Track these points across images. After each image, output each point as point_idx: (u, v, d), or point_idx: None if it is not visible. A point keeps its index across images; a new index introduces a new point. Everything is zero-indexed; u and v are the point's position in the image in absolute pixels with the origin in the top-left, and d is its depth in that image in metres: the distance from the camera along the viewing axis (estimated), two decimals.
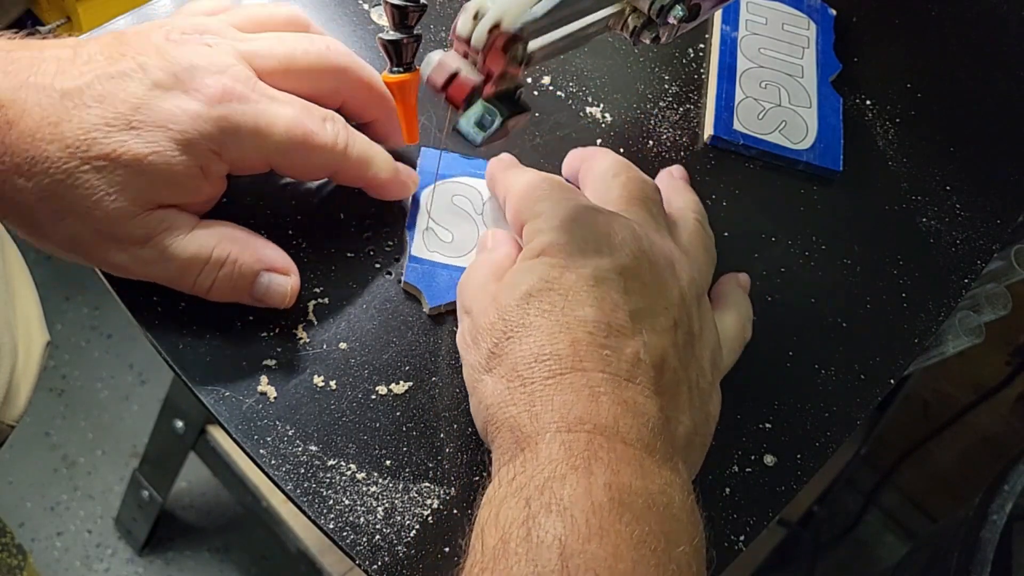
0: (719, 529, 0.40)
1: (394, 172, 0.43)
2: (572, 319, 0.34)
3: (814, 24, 0.60)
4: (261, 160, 0.39)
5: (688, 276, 0.39)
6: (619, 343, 0.34)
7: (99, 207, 0.35)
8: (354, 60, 0.42)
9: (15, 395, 0.52)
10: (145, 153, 0.35)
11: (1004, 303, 0.66)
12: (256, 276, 0.39)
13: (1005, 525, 0.73)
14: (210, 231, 0.38)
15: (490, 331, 0.36)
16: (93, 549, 1.15)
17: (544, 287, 0.35)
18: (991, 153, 0.57)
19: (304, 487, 0.37)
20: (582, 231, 0.37)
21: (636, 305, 0.36)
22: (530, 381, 0.34)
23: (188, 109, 0.36)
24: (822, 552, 1.26)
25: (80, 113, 0.35)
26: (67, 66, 0.36)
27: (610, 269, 0.36)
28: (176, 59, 0.37)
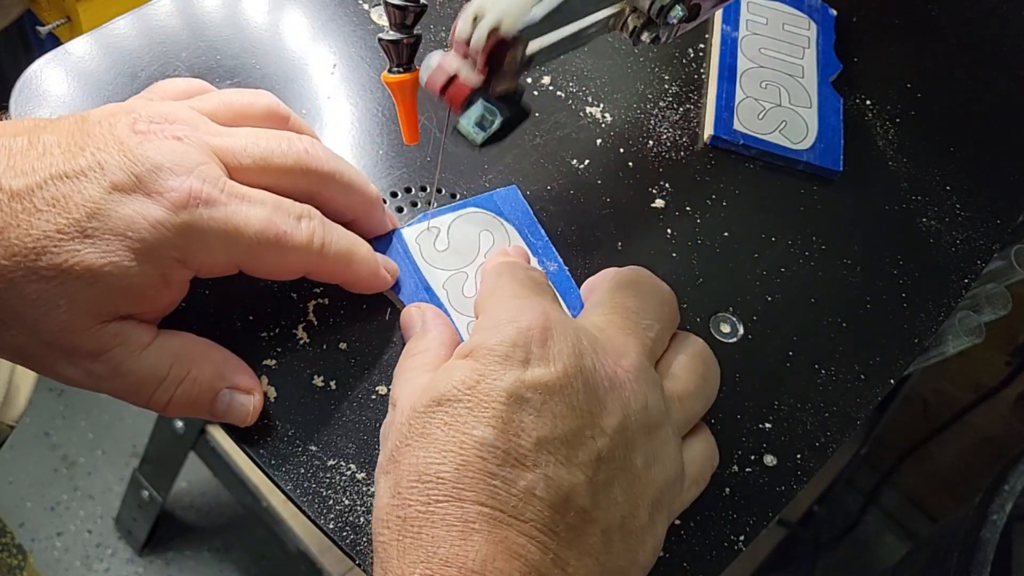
0: (719, 529, 0.40)
1: (374, 269, 0.40)
2: (468, 438, 0.31)
3: (815, 24, 0.60)
4: (230, 264, 0.36)
5: (640, 403, 0.34)
6: (513, 474, 0.31)
7: (46, 319, 0.32)
8: (335, 164, 0.39)
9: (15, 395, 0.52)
10: (100, 264, 0.32)
11: (1004, 303, 0.66)
12: (216, 394, 0.36)
13: (1005, 525, 0.73)
14: (167, 346, 0.35)
15: (398, 430, 0.33)
16: (93, 549, 1.15)
17: (455, 396, 0.32)
18: (991, 153, 0.57)
19: (304, 487, 0.37)
20: (515, 336, 0.33)
21: (549, 432, 0.32)
22: (407, 503, 0.31)
23: (148, 215, 0.33)
24: (822, 552, 1.26)
25: (29, 218, 0.32)
26: (19, 160, 0.32)
27: (530, 385, 0.32)
28: (138, 158, 0.33)
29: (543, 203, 0.47)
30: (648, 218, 0.49)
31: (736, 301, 0.47)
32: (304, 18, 0.51)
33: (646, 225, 0.48)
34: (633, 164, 0.50)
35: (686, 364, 0.38)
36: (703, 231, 0.49)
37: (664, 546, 0.39)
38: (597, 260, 0.46)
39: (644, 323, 0.37)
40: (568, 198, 0.48)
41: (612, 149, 0.51)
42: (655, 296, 0.39)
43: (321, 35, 0.51)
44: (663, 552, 0.38)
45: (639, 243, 0.47)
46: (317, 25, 0.51)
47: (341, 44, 0.51)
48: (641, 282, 0.39)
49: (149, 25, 0.48)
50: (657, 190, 0.50)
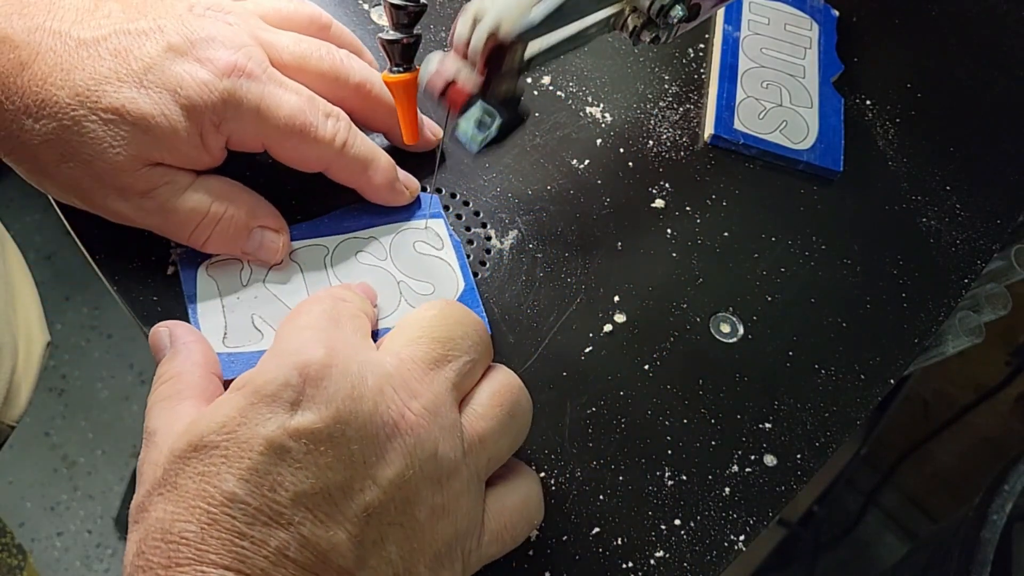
0: (719, 529, 0.40)
1: (391, 179, 0.42)
2: (217, 493, 0.28)
3: (816, 25, 0.60)
4: (257, 140, 0.39)
5: (427, 451, 0.31)
6: (264, 534, 0.28)
7: (102, 157, 0.36)
8: (367, 75, 0.42)
9: (15, 395, 0.52)
10: (152, 113, 0.36)
11: (1004, 303, 0.66)
12: (250, 232, 0.40)
13: (1005, 525, 0.73)
14: (208, 187, 0.39)
15: (153, 472, 0.30)
16: (93, 549, 1.15)
17: (213, 441, 0.29)
18: (991, 153, 0.57)
19: None
20: (288, 374, 0.30)
21: (309, 486, 0.29)
22: (149, 564, 0.28)
23: (197, 77, 0.36)
24: (822, 552, 1.26)
25: (94, 64, 0.35)
26: (86, 16, 0.36)
27: (294, 432, 0.29)
28: (194, 28, 0.37)
29: (543, 203, 0.47)
30: (648, 218, 0.49)
31: (736, 301, 0.47)
32: None
33: (646, 225, 0.48)
34: (633, 164, 0.50)
35: (490, 400, 0.34)
36: (703, 231, 0.49)
37: (664, 546, 0.39)
38: (597, 260, 0.46)
39: (450, 354, 0.33)
40: (568, 198, 0.48)
41: (612, 149, 0.51)
42: (465, 324, 0.35)
43: None
44: (663, 552, 0.38)
45: (639, 243, 0.47)
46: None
47: None
48: (449, 310, 0.35)
49: None
50: (657, 190, 0.50)
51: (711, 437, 0.42)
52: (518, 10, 0.35)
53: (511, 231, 0.46)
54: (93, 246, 0.41)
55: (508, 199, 0.47)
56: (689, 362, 0.44)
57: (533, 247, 0.46)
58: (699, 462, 0.41)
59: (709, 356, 0.44)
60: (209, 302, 0.39)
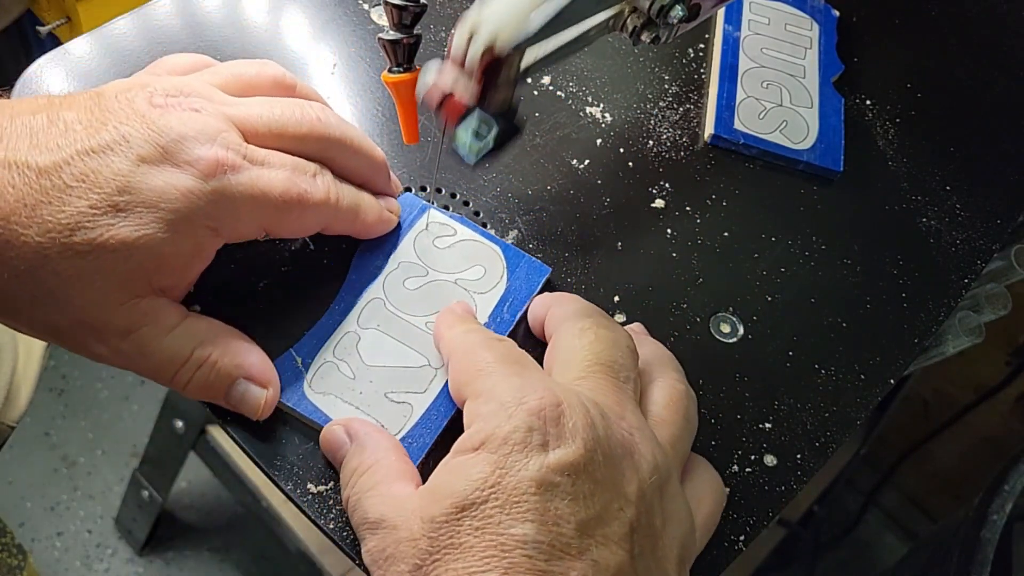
0: (719, 529, 0.40)
1: (379, 213, 0.41)
2: (508, 538, 0.29)
3: (817, 25, 0.60)
4: (258, 228, 0.37)
5: (650, 463, 0.33)
6: (563, 567, 0.29)
7: (80, 296, 0.33)
8: (345, 129, 0.40)
9: (16, 396, 0.52)
10: (134, 237, 0.32)
11: (1004, 303, 0.66)
12: (233, 382, 0.37)
13: (1005, 525, 0.73)
14: (193, 329, 0.36)
15: (412, 548, 0.30)
16: (93, 549, 1.15)
17: (479, 497, 0.30)
18: (991, 153, 0.57)
19: (304, 487, 0.37)
20: (528, 420, 0.31)
21: (586, 514, 0.30)
22: None
23: (180, 185, 0.33)
24: (822, 552, 1.26)
25: (60, 195, 0.32)
26: (41, 137, 0.32)
27: (556, 468, 0.30)
28: (162, 129, 0.34)
29: (543, 203, 0.47)
30: (648, 218, 0.49)
31: (736, 301, 0.47)
32: (304, 18, 0.51)
33: (646, 225, 0.48)
34: (633, 164, 0.50)
35: (667, 407, 0.37)
36: (703, 231, 0.49)
37: None
38: (597, 260, 0.46)
39: (623, 375, 0.35)
40: (568, 198, 0.48)
41: (612, 149, 0.51)
42: (620, 342, 0.36)
43: (321, 35, 0.51)
44: None
45: (639, 243, 0.47)
46: (317, 25, 0.51)
47: (341, 44, 0.51)
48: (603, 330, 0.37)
49: (149, 25, 0.49)
50: (657, 190, 0.50)
51: (711, 437, 0.42)
52: (515, 22, 0.35)
53: (511, 231, 0.46)
54: None
55: (508, 199, 0.47)
56: (689, 362, 0.44)
57: (533, 247, 0.46)
58: None
59: (709, 356, 0.44)
60: (344, 413, 0.38)
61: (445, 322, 0.39)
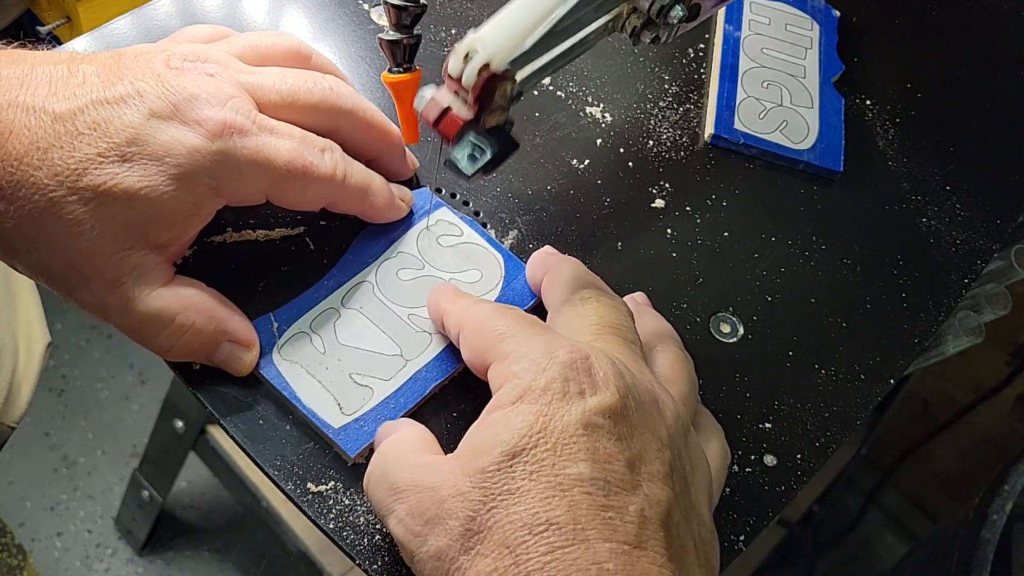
0: (719, 529, 0.40)
1: (389, 197, 0.42)
2: (565, 478, 0.30)
3: (818, 25, 0.60)
4: (259, 193, 0.37)
5: (673, 412, 0.34)
6: (621, 501, 0.30)
7: (77, 241, 0.33)
8: (357, 101, 0.41)
9: (16, 396, 0.52)
10: (138, 187, 0.33)
11: (1004, 303, 0.66)
12: (217, 346, 0.37)
13: (1005, 525, 0.73)
14: (178, 293, 0.36)
15: (461, 502, 0.30)
16: (93, 549, 1.15)
17: (528, 443, 0.30)
18: (991, 153, 0.57)
19: (304, 487, 0.37)
20: (563, 371, 0.32)
21: (631, 452, 0.31)
22: (525, 558, 0.29)
23: (186, 142, 0.34)
24: (822, 552, 1.26)
25: (72, 140, 0.33)
26: (60, 86, 0.34)
27: (598, 411, 0.31)
28: (176, 88, 0.35)
29: (543, 203, 0.47)
30: (648, 218, 0.49)
31: (736, 301, 0.47)
32: (304, 18, 0.51)
33: (646, 225, 0.48)
34: (633, 164, 0.50)
35: (672, 367, 0.38)
36: (703, 231, 0.49)
37: None
38: (597, 260, 0.46)
39: (629, 337, 0.37)
40: (568, 198, 0.48)
41: (612, 149, 0.51)
42: (620, 306, 0.38)
43: (321, 35, 0.51)
44: None
45: (639, 243, 0.47)
46: (317, 25, 0.51)
47: (341, 44, 0.51)
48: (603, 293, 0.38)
49: (149, 25, 0.49)
50: (657, 190, 0.50)
51: None
52: (510, 44, 0.36)
53: (511, 231, 0.46)
54: None
55: (508, 199, 0.47)
56: None
57: (533, 247, 0.46)
58: None
59: (709, 356, 0.44)
60: (305, 383, 0.38)
61: (445, 297, 0.39)
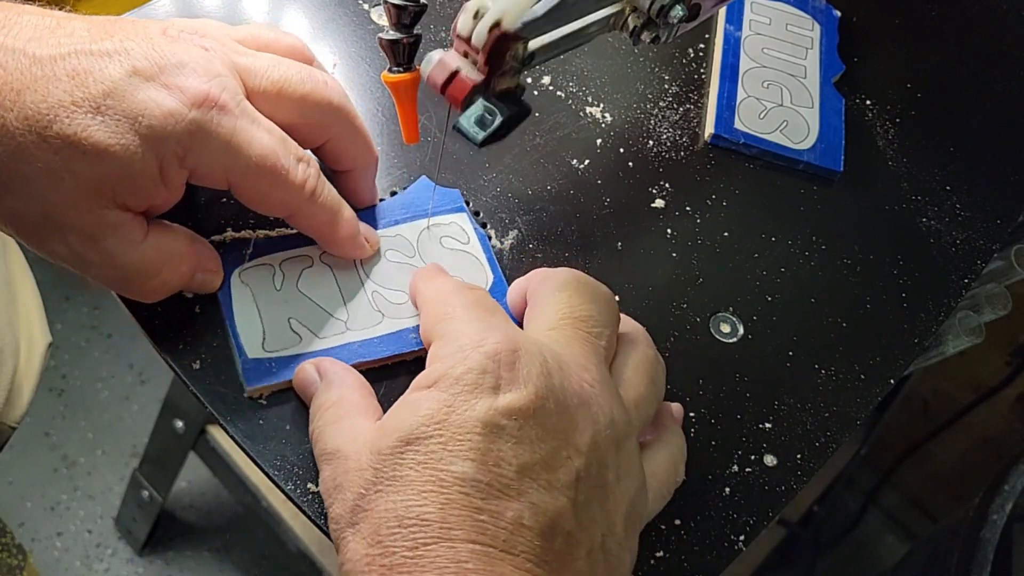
0: (719, 529, 0.40)
1: (354, 232, 0.40)
2: (447, 475, 0.30)
3: (818, 25, 0.60)
4: (223, 178, 0.36)
5: (607, 417, 0.33)
6: (499, 506, 0.30)
7: (50, 191, 0.33)
8: (348, 104, 0.40)
9: (16, 396, 0.52)
10: (107, 143, 0.32)
11: (1004, 303, 0.66)
12: (191, 278, 0.38)
13: (1005, 525, 0.73)
14: (160, 244, 0.36)
15: (359, 477, 0.31)
16: (93, 549, 1.15)
17: (425, 432, 0.31)
18: (991, 153, 0.57)
19: (304, 487, 0.37)
20: (483, 362, 0.32)
21: (529, 458, 0.31)
22: (391, 551, 0.29)
23: (163, 105, 0.33)
24: (822, 552, 1.26)
25: (47, 85, 0.32)
26: (45, 33, 0.33)
27: (505, 411, 0.31)
28: (164, 52, 0.34)
29: (543, 203, 0.47)
30: (648, 218, 0.49)
31: (736, 301, 0.47)
32: (304, 18, 0.51)
33: (646, 225, 0.48)
34: (633, 164, 0.50)
35: (635, 369, 0.37)
36: (703, 231, 0.49)
37: (664, 546, 0.39)
38: (597, 260, 0.46)
39: (595, 331, 0.36)
40: (568, 198, 0.48)
41: (612, 149, 0.51)
42: (600, 299, 0.37)
43: (321, 35, 0.51)
44: (663, 552, 0.39)
45: (639, 243, 0.47)
46: (317, 25, 0.51)
47: (341, 44, 0.51)
48: (583, 285, 0.37)
49: None
50: (657, 190, 0.50)
51: (711, 437, 0.42)
52: (520, 6, 0.35)
53: (511, 231, 0.46)
54: None
55: (508, 199, 0.47)
56: (689, 362, 0.44)
57: (533, 247, 0.46)
58: (699, 462, 0.41)
59: (709, 356, 0.44)
60: (245, 307, 0.39)
61: (423, 275, 0.40)
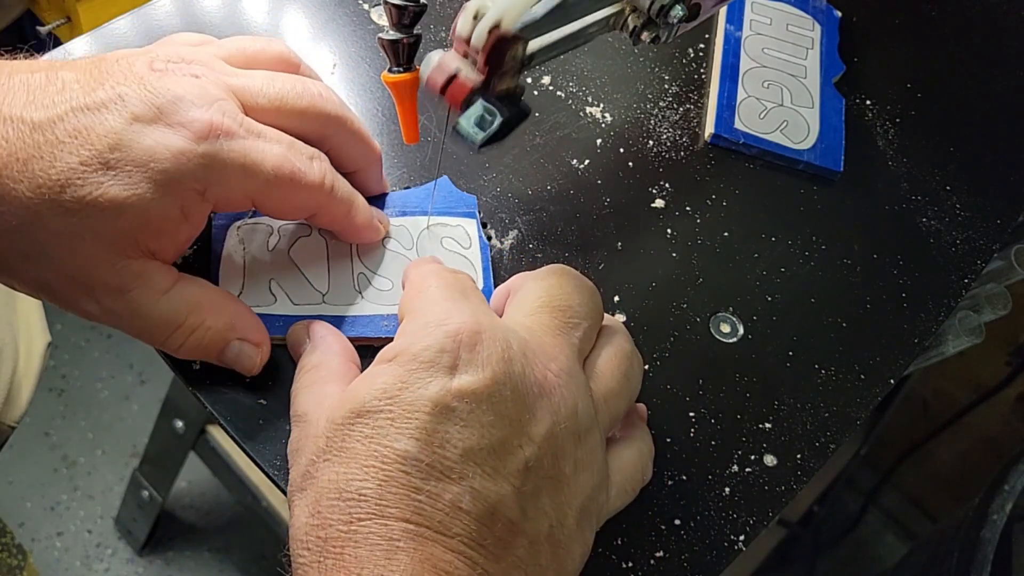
0: (719, 529, 0.40)
1: (370, 217, 0.41)
2: (390, 451, 0.30)
3: (819, 25, 0.60)
4: (245, 199, 0.36)
5: (569, 408, 0.33)
6: (438, 488, 0.30)
7: (72, 254, 0.33)
8: (345, 110, 0.40)
9: (16, 396, 0.52)
10: (123, 196, 0.32)
11: (1004, 303, 0.66)
12: (227, 344, 0.37)
13: (1005, 525, 0.73)
14: (186, 294, 0.36)
15: (313, 444, 0.32)
16: (93, 549, 1.15)
17: (375, 407, 0.31)
18: (991, 153, 0.57)
19: None
20: (443, 341, 0.32)
21: (476, 442, 0.30)
22: (328, 523, 0.29)
23: (171, 145, 0.33)
24: (822, 552, 1.26)
25: (52, 150, 0.32)
26: (38, 94, 0.33)
27: (457, 394, 0.31)
28: (158, 91, 0.34)
29: (543, 203, 0.47)
30: (648, 218, 0.49)
31: (736, 301, 0.47)
32: (304, 18, 0.51)
33: (646, 225, 0.48)
34: (633, 164, 0.50)
35: (609, 362, 0.37)
36: (703, 231, 0.49)
37: (664, 546, 0.39)
38: (597, 260, 0.46)
39: (572, 321, 0.36)
40: (568, 198, 0.48)
41: (612, 149, 0.51)
42: (581, 291, 0.37)
43: (321, 35, 0.51)
44: (663, 552, 0.39)
45: (639, 243, 0.47)
46: (317, 25, 0.51)
47: (341, 44, 0.51)
48: (566, 276, 0.37)
49: (149, 25, 0.49)
50: (657, 190, 0.50)
51: (711, 437, 0.42)
52: (520, 5, 0.35)
53: (511, 231, 0.46)
54: None
55: (508, 199, 0.47)
56: (689, 362, 0.44)
57: (533, 247, 0.46)
58: (699, 462, 0.41)
59: (709, 356, 0.44)
60: (233, 257, 0.40)
61: (417, 262, 0.40)
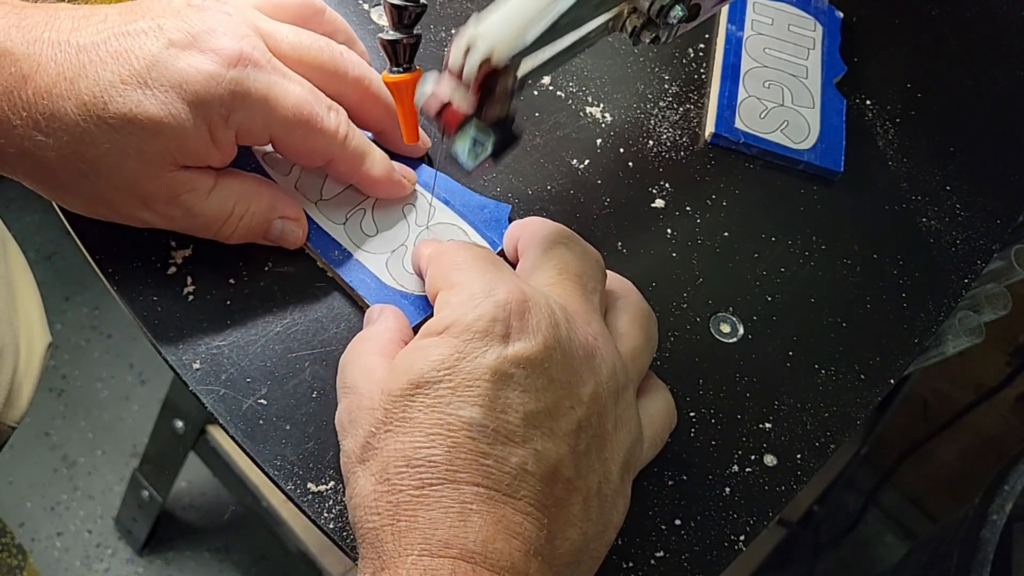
0: (719, 529, 0.40)
1: (388, 171, 0.43)
2: (455, 419, 0.31)
3: (821, 26, 0.60)
4: (264, 132, 0.39)
5: (609, 369, 0.35)
6: (504, 452, 0.31)
7: (121, 168, 0.36)
8: (366, 71, 0.42)
9: (17, 396, 0.52)
10: (160, 115, 0.36)
11: (1004, 303, 0.66)
12: (270, 224, 0.41)
13: (1005, 525, 0.73)
14: (230, 188, 0.40)
15: (370, 415, 0.33)
16: (93, 549, 1.15)
17: (434, 377, 0.32)
18: (991, 153, 0.57)
19: (304, 487, 0.37)
20: (494, 311, 0.33)
21: (534, 406, 0.32)
22: (398, 488, 0.31)
23: (202, 69, 0.36)
24: (822, 552, 1.26)
25: (96, 69, 0.35)
26: (83, 23, 0.36)
27: (513, 360, 0.32)
28: (194, 21, 0.37)
29: (543, 203, 0.47)
30: (648, 218, 0.49)
31: (736, 301, 0.47)
32: None
33: (646, 225, 0.48)
34: (633, 164, 0.50)
35: (632, 323, 0.38)
36: (703, 231, 0.49)
37: (664, 546, 0.39)
38: None
39: (589, 286, 0.37)
40: (568, 198, 0.48)
41: (612, 149, 0.51)
42: (588, 256, 0.39)
43: None
44: (663, 552, 0.39)
45: (639, 243, 0.47)
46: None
47: None
48: (574, 243, 0.39)
49: None
50: (657, 190, 0.50)
51: (711, 437, 0.42)
52: (510, 38, 0.35)
53: None
54: (93, 246, 0.41)
55: (508, 199, 0.47)
56: (689, 362, 0.44)
57: None
58: (699, 462, 0.41)
59: (709, 356, 0.44)
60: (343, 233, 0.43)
61: (426, 242, 0.42)
